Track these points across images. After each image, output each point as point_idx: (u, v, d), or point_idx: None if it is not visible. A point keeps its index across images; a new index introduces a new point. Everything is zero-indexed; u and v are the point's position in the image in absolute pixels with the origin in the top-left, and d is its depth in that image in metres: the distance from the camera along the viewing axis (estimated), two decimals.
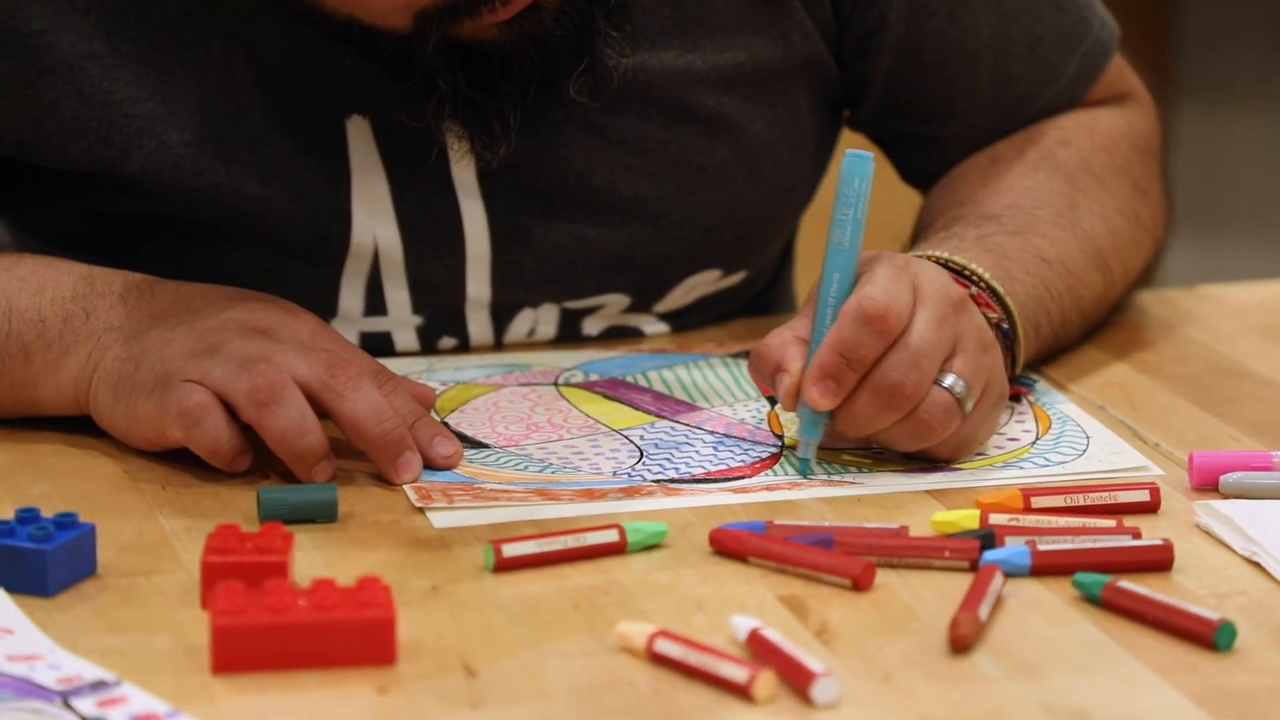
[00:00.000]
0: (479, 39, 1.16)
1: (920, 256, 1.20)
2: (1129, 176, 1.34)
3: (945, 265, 1.19)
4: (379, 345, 1.29)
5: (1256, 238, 3.05)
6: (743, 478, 1.14)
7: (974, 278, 1.20)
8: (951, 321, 1.12)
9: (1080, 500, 1.09)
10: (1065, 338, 1.29)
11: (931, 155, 1.37)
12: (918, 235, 1.31)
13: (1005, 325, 1.20)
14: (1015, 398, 1.23)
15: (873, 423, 1.11)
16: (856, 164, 1.12)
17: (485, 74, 1.18)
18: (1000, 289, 1.20)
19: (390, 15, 1.14)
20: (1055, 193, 1.30)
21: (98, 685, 0.92)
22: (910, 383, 1.10)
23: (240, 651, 0.93)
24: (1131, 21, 1.39)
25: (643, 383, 1.27)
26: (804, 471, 1.13)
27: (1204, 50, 3.06)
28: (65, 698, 0.91)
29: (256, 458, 1.13)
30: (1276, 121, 3.03)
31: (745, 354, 1.31)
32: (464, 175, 1.26)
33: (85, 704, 0.91)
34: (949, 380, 1.11)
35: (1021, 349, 1.21)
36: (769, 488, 1.13)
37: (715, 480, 1.14)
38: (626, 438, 1.19)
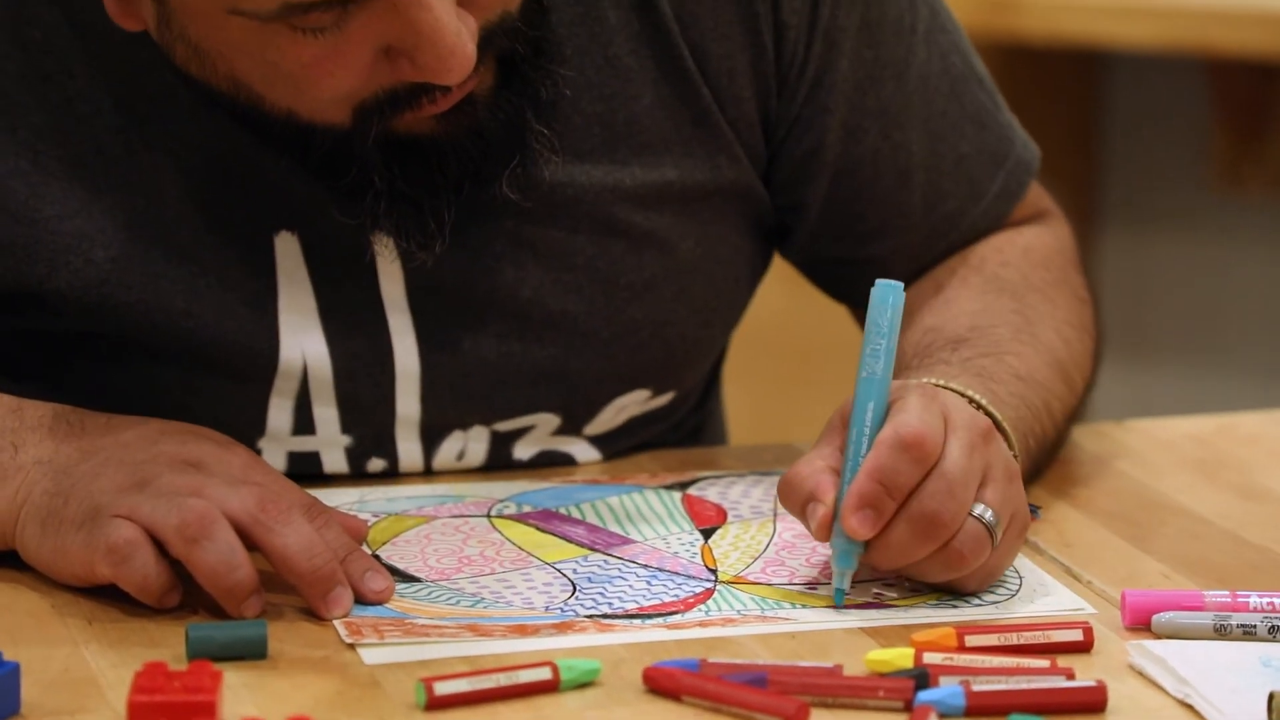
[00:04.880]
0: (415, 133, 1.17)
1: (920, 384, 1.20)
2: (1069, 288, 1.36)
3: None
4: (307, 465, 1.29)
5: (1181, 367, 3.07)
6: (676, 613, 1.13)
7: (973, 403, 1.20)
8: (981, 450, 1.12)
9: (1014, 639, 1.08)
10: (1045, 455, 1.29)
11: (862, 275, 1.37)
12: None
13: (1013, 452, 1.20)
14: None
15: (908, 553, 1.11)
16: (886, 293, 1.12)
17: (421, 169, 1.18)
18: (998, 415, 1.20)
19: (330, 108, 1.14)
20: (1009, 310, 1.31)
21: None
22: (948, 512, 1.10)
23: None
24: (1057, 151, 1.41)
25: (576, 514, 1.26)
26: (838, 602, 1.12)
27: (1128, 181, 3.09)
28: None
29: (185, 592, 1.12)
30: (1200, 251, 3.06)
31: (678, 485, 1.31)
32: (392, 289, 1.26)
33: None
34: (980, 510, 1.11)
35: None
36: (703, 624, 1.12)
37: (649, 615, 1.13)
38: (559, 571, 1.18)
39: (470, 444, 1.31)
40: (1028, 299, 1.33)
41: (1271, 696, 1.01)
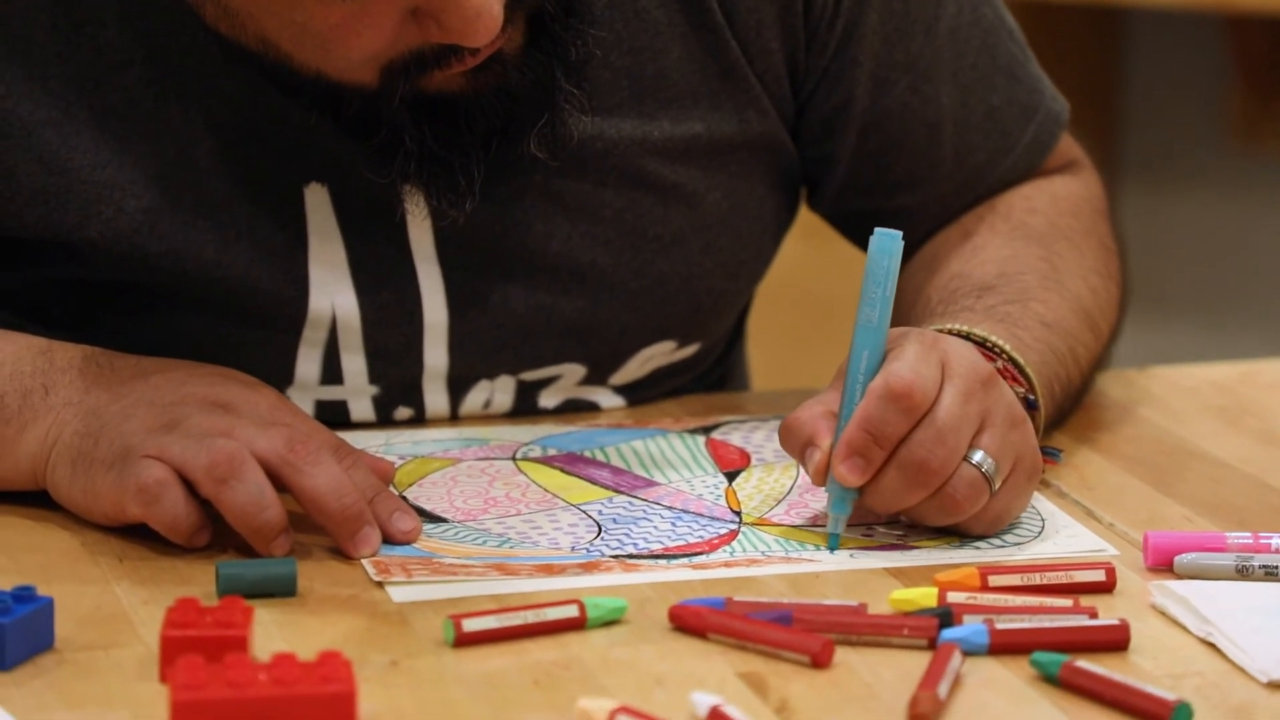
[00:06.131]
0: (444, 91, 1.17)
1: (939, 331, 1.21)
2: (1096, 237, 1.37)
3: (966, 338, 1.20)
4: (335, 414, 1.29)
5: (1199, 322, 3.07)
6: (701, 553, 1.14)
7: (996, 349, 1.20)
8: (979, 397, 1.12)
9: (1037, 579, 1.09)
10: (1071, 401, 1.30)
11: (893, 228, 1.37)
12: (904, 312, 1.31)
13: (1031, 397, 1.20)
14: None
15: (900, 499, 1.12)
16: (885, 242, 1.13)
17: (450, 127, 1.18)
18: (1021, 360, 1.21)
19: (358, 69, 1.15)
20: (1036, 258, 1.32)
21: None
22: (936, 459, 1.10)
23: None
24: (1076, 108, 1.41)
25: (600, 457, 1.27)
26: (832, 547, 1.13)
27: (1147, 137, 3.09)
28: None
29: (215, 531, 1.13)
30: (1218, 208, 3.06)
31: (702, 429, 1.31)
32: (422, 242, 1.27)
33: None
34: (977, 457, 1.12)
35: (1042, 419, 1.21)
36: (727, 564, 1.13)
37: (674, 556, 1.14)
38: (585, 512, 1.19)
39: (497, 394, 1.32)
40: (1055, 247, 1.33)
41: None
